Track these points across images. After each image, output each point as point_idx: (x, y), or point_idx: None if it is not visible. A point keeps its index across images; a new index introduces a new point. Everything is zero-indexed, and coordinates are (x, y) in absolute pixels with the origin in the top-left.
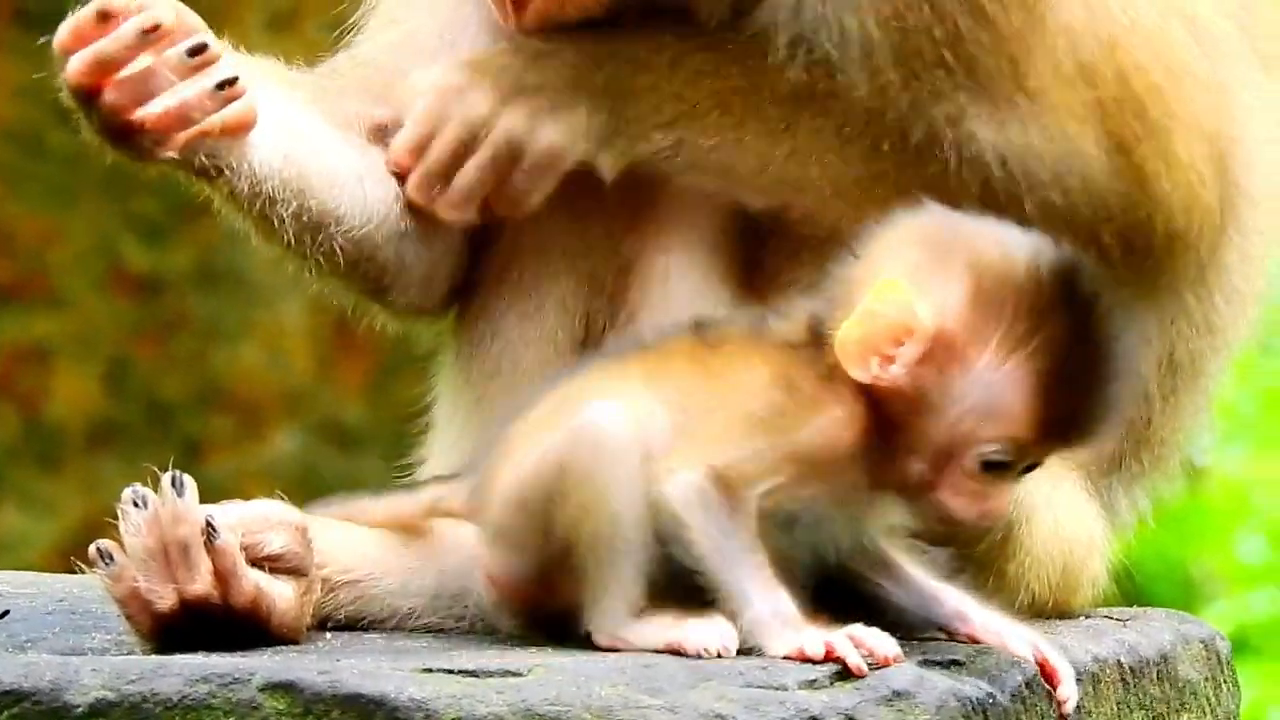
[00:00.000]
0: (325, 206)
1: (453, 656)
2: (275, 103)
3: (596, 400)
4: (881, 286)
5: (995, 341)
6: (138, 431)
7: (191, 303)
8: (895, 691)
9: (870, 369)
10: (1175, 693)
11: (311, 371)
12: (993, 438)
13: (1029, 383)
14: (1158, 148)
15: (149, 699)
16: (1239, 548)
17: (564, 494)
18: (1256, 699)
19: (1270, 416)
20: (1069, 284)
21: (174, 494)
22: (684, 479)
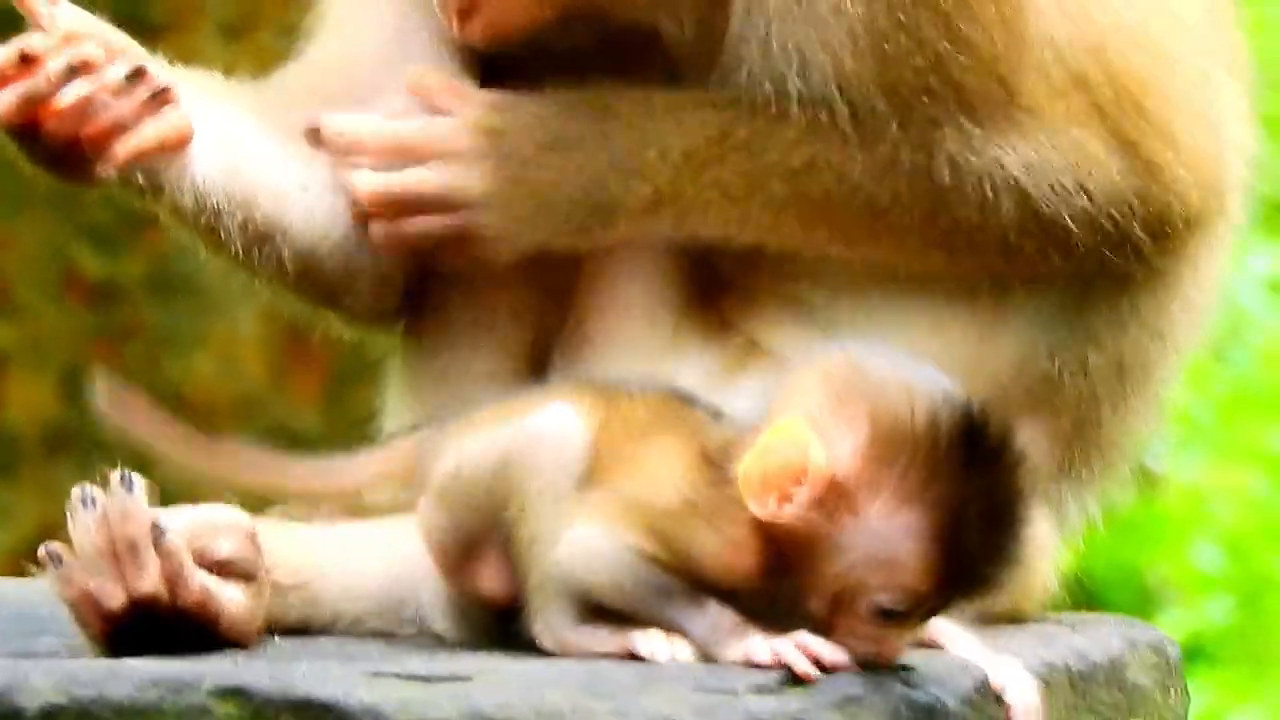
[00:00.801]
0: (271, 217)
1: (402, 661)
2: (215, 116)
3: (552, 404)
4: (782, 426)
5: (889, 492)
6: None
7: (145, 311)
8: (845, 697)
9: (768, 506)
10: (1125, 698)
11: (264, 379)
12: (884, 587)
13: (921, 535)
14: (1162, 138)
15: (99, 703)
16: (1195, 555)
17: (508, 489)
18: (1212, 706)
19: (1226, 425)
20: (969, 438)
21: (123, 492)
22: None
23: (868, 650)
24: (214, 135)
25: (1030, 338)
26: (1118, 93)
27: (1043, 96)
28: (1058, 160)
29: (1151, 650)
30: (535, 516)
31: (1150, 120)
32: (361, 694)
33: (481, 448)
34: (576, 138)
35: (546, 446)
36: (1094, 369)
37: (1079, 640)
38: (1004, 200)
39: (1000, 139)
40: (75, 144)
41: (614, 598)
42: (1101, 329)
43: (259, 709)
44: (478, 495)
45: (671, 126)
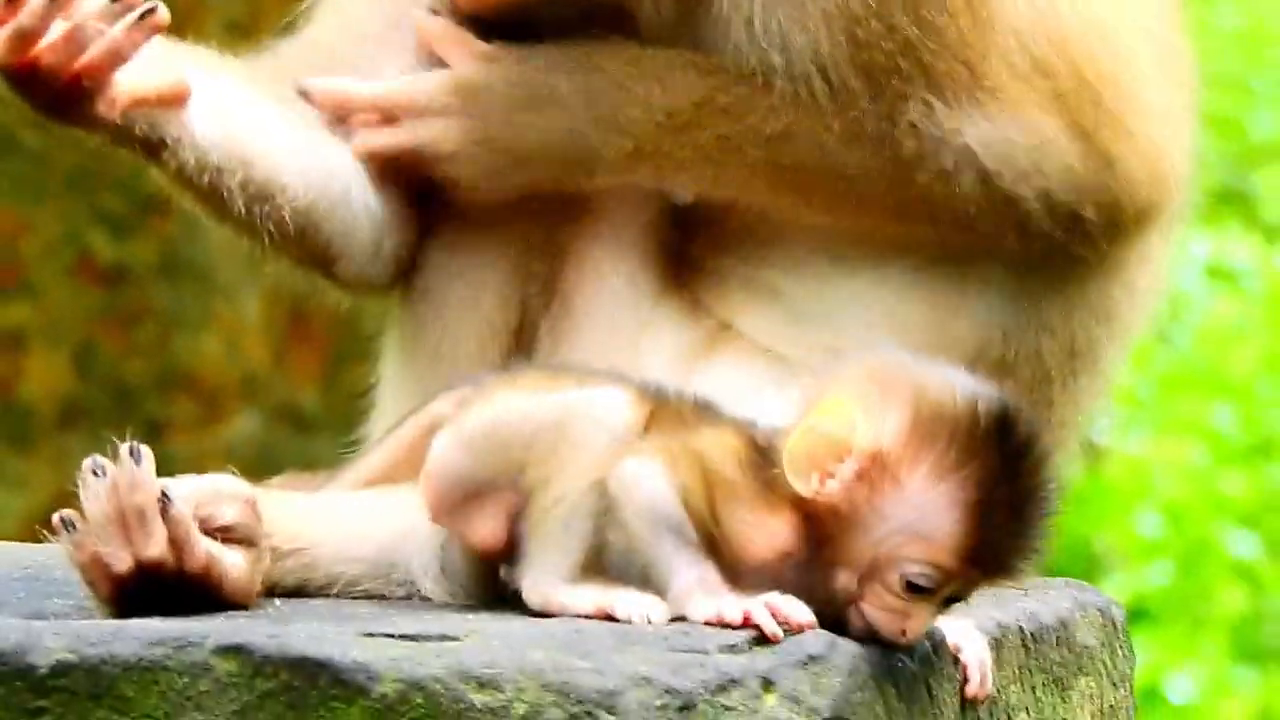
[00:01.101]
0: (269, 176)
1: (394, 622)
2: (212, 82)
3: (613, 387)
4: (826, 404)
5: (928, 468)
6: (104, 413)
7: (155, 293)
8: (809, 656)
9: (812, 483)
10: (1074, 657)
11: (268, 359)
12: (917, 559)
13: (956, 511)
14: (1117, 130)
15: (107, 661)
16: (1138, 523)
17: (553, 451)
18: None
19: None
20: (1004, 425)
21: (132, 463)
22: (633, 463)
23: (894, 626)
24: (211, 98)
25: (986, 323)
26: (1078, 83)
27: (1006, 80)
28: (1018, 140)
29: (1098, 612)
30: (574, 479)
31: (1107, 111)
32: (355, 653)
33: (534, 406)
34: (560, 93)
35: (601, 418)
36: (1047, 353)
37: (1030, 603)
38: (964, 172)
39: (963, 115)
40: (75, 83)
41: (637, 523)
42: (1054, 315)
43: (258, 666)
44: (510, 447)
45: (656, 86)
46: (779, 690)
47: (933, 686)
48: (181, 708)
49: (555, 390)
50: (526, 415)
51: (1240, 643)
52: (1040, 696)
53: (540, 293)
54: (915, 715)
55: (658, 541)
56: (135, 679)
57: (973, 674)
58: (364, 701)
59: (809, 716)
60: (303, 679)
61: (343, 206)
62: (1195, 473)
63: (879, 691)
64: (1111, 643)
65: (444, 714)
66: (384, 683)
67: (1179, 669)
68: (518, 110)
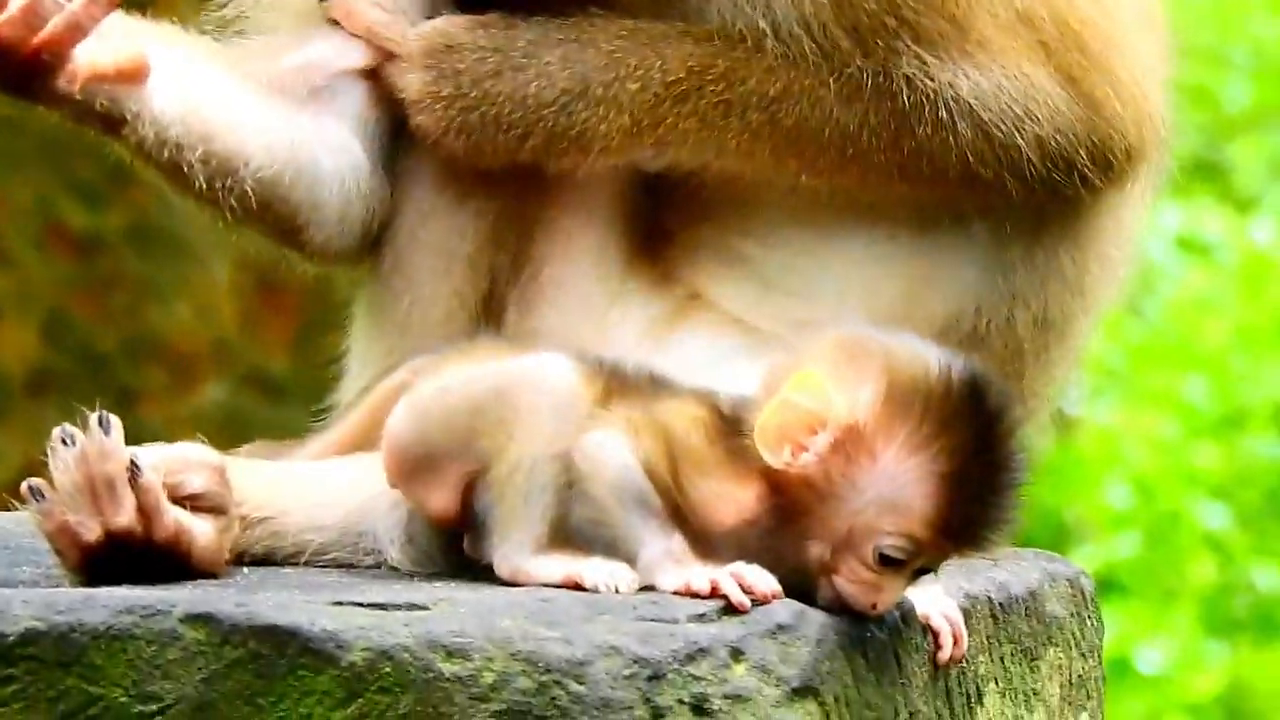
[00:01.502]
0: (231, 149)
1: (363, 590)
2: (174, 55)
3: (555, 353)
4: (800, 377)
5: (903, 440)
6: (75, 381)
7: (126, 261)
8: (778, 625)
9: (784, 456)
10: (1042, 627)
11: (238, 326)
12: (891, 531)
13: (931, 483)
14: (1103, 74)
15: (76, 629)
16: (1108, 494)
17: (499, 419)
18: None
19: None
20: (976, 397)
21: (101, 432)
22: (597, 434)
23: (866, 598)
24: (172, 73)
25: (959, 296)
26: (1062, 31)
27: (992, 32)
28: (1009, 89)
29: (1067, 583)
30: (525, 445)
31: (1091, 58)
32: (324, 621)
33: (478, 374)
34: (543, 65)
35: (548, 384)
36: (1019, 324)
37: (999, 573)
38: (960, 123)
39: (954, 68)
40: (34, 58)
41: (603, 495)
42: (1027, 287)
43: (226, 635)
44: (460, 417)
45: (653, 57)
46: (748, 660)
47: (901, 656)
48: (150, 676)
49: (501, 358)
50: (470, 383)
51: (1210, 615)
52: (1009, 667)
53: (510, 263)
54: (884, 684)
55: (624, 513)
56: (104, 647)
57: (945, 639)
58: (332, 670)
59: (778, 686)
60: (271, 648)
61: (310, 177)
62: (1166, 444)
63: (847, 661)
64: (1080, 613)
65: (413, 683)
66: (353, 651)
67: (1149, 641)
68: (488, 77)
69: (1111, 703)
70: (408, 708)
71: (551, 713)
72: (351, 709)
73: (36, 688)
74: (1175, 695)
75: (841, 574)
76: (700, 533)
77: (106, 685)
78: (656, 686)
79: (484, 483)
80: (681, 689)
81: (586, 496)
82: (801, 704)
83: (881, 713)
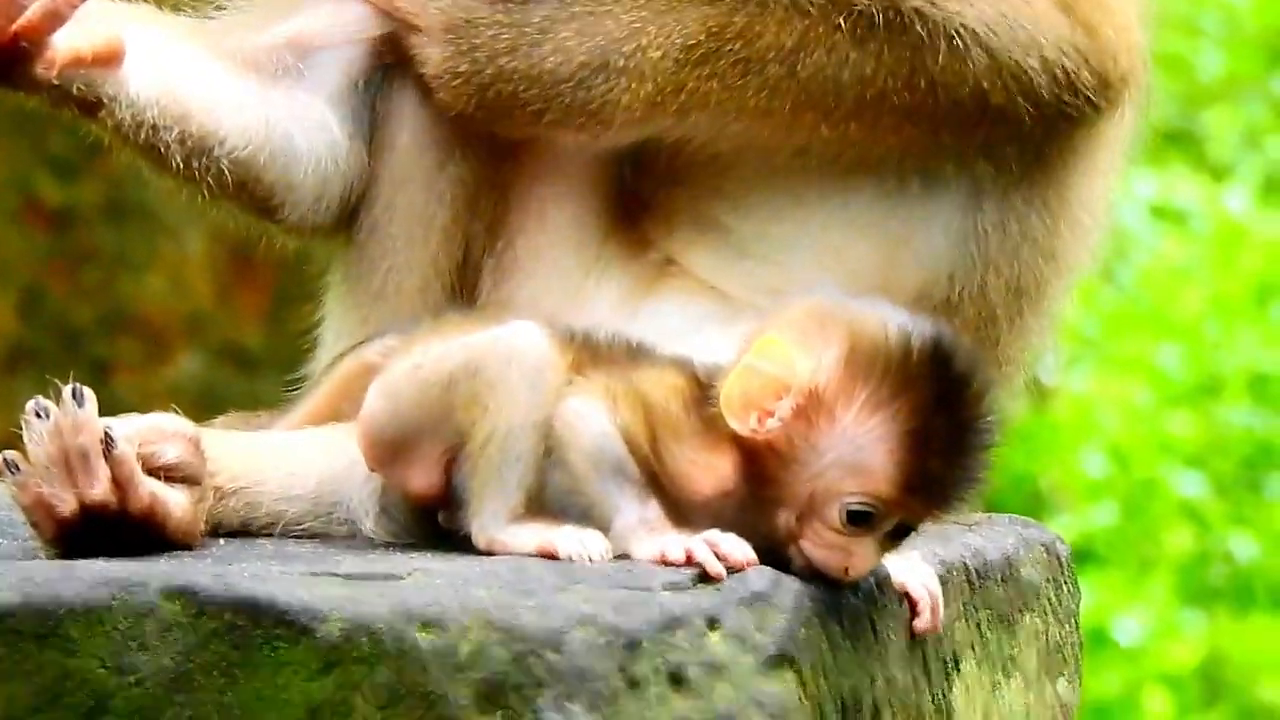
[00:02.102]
0: (207, 129)
1: (338, 561)
2: (150, 37)
3: (522, 321)
4: (762, 343)
5: (862, 402)
6: (50, 355)
7: (100, 234)
8: (754, 593)
9: (750, 422)
10: (1018, 594)
11: (212, 298)
12: (854, 491)
13: (890, 442)
14: (1097, 4)
15: (53, 602)
16: (1083, 463)
17: (472, 392)
18: (1100, 603)
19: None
20: (939, 357)
21: (74, 405)
22: (575, 401)
23: (837, 563)
24: (148, 54)
25: (933, 263)
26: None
27: None
28: (1011, 16)
29: (1043, 549)
30: (498, 416)
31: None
32: (300, 593)
33: (445, 350)
34: (559, 41)
35: (516, 353)
36: (992, 291)
37: (975, 539)
38: (973, 50)
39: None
40: (12, 45)
41: (579, 462)
42: (1000, 254)
43: (203, 606)
44: (433, 394)
45: (672, 22)
46: (724, 628)
47: (878, 623)
48: (127, 648)
49: (469, 332)
50: (441, 360)
51: (1187, 584)
52: (986, 633)
53: (486, 231)
54: (860, 652)
55: (600, 480)
56: (81, 620)
57: (922, 608)
58: (308, 642)
59: (754, 654)
60: (247, 619)
61: (285, 156)
62: (1141, 413)
63: (824, 629)
64: (1056, 579)
65: (388, 654)
66: (329, 623)
67: (1126, 611)
68: (504, 54)
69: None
70: (384, 679)
71: (528, 683)
72: (328, 680)
73: (13, 661)
74: (1152, 666)
75: (808, 539)
76: (678, 502)
77: (84, 658)
78: (633, 656)
79: (461, 457)
80: (657, 658)
81: (563, 463)
82: (778, 673)
83: (858, 681)
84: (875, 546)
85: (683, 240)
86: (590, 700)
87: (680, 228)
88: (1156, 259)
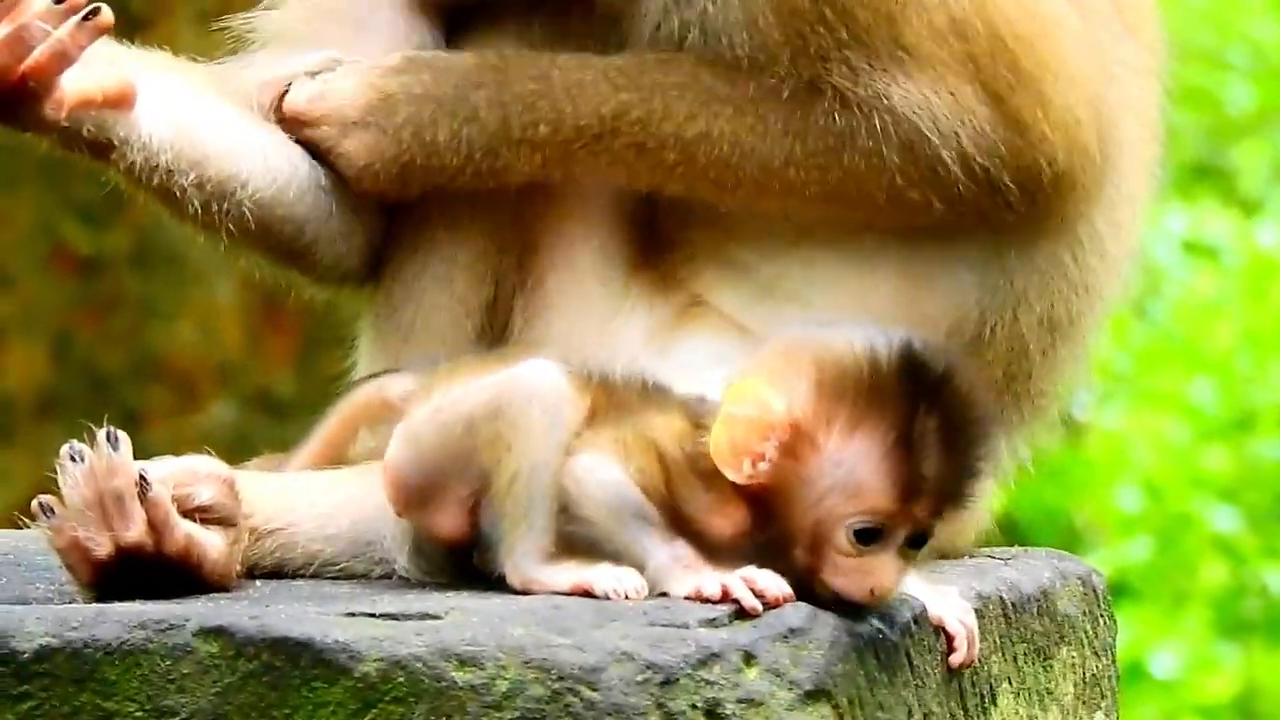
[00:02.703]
0: (227, 173)
1: (375, 601)
2: (162, 81)
3: (539, 359)
4: (736, 389)
5: (841, 424)
6: (81, 403)
7: (129, 282)
8: (791, 629)
9: (744, 469)
10: (1055, 626)
11: (243, 345)
12: (855, 512)
13: (875, 456)
14: (1032, 95)
15: (90, 644)
16: (1117, 498)
17: (494, 433)
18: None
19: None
20: (910, 363)
21: (109, 448)
22: (585, 457)
23: (858, 586)
24: (162, 98)
25: (960, 299)
26: (994, 47)
27: (925, 38)
28: (936, 103)
29: (1079, 581)
30: (521, 455)
31: (1022, 78)
32: (337, 633)
33: (465, 393)
34: (472, 108)
35: (536, 392)
36: (1024, 326)
37: (1010, 573)
38: (890, 140)
39: (884, 76)
40: (20, 85)
41: (599, 516)
42: (1028, 288)
43: (240, 647)
44: (453, 437)
45: (565, 102)
46: (760, 663)
47: (914, 657)
48: (164, 690)
49: (486, 372)
50: (460, 403)
51: (1222, 617)
52: (1022, 666)
53: (513, 269)
54: (897, 686)
55: (623, 530)
56: (118, 662)
57: (959, 642)
58: (346, 681)
59: (790, 689)
60: (284, 660)
61: (311, 195)
62: (1175, 448)
63: (860, 663)
64: (1093, 611)
65: (426, 692)
66: (366, 662)
67: (1162, 644)
68: (427, 126)
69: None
70: (421, 717)
71: (565, 719)
72: (366, 719)
73: (51, 704)
74: (1189, 698)
75: (826, 570)
76: (701, 543)
77: (121, 701)
78: (669, 692)
79: (488, 499)
80: (694, 694)
81: (582, 520)
82: (815, 707)
83: (895, 714)
84: (895, 562)
85: (708, 279)
86: None
87: (705, 267)
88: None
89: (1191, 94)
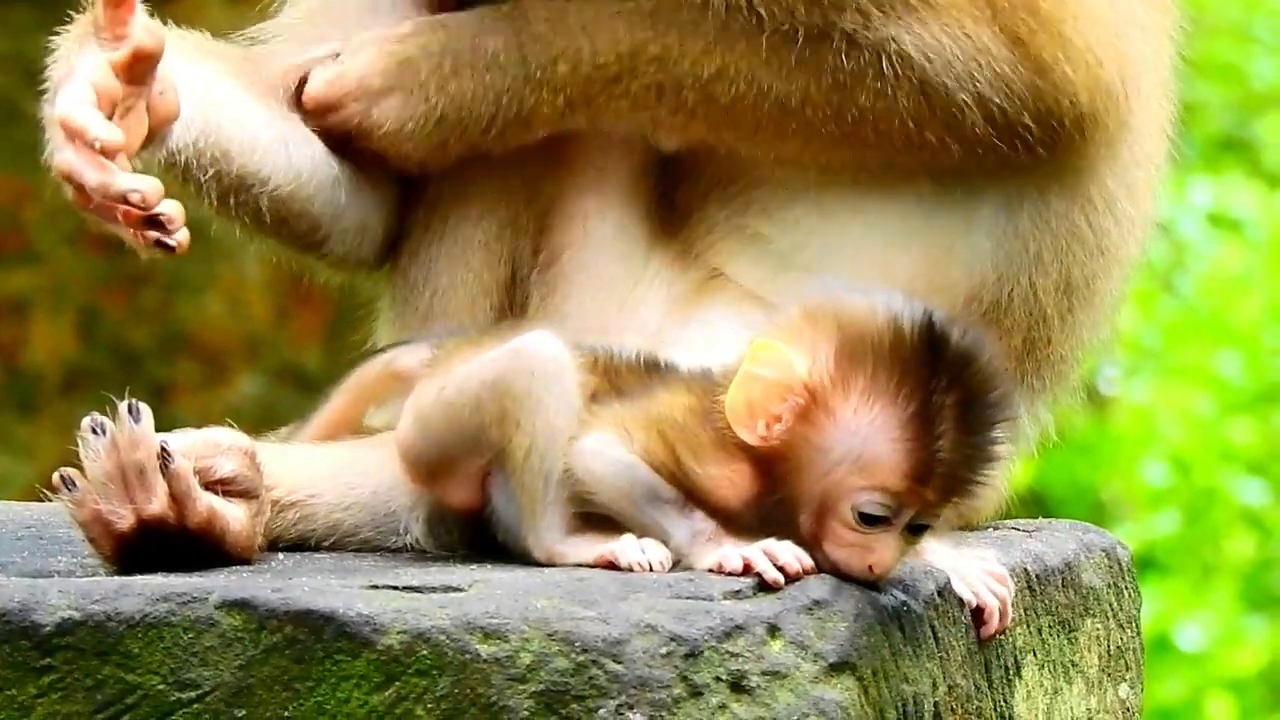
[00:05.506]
0: (247, 169)
1: (398, 574)
2: (193, 79)
3: (538, 331)
4: (757, 348)
5: (859, 394)
6: (108, 377)
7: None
8: (814, 600)
9: (759, 430)
10: (1079, 598)
11: (270, 320)
12: (863, 487)
13: (892, 432)
14: (1053, 37)
15: (112, 618)
16: (1144, 472)
17: (501, 410)
18: (1162, 612)
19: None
20: (934, 337)
21: (130, 420)
22: (589, 440)
23: (858, 562)
24: (190, 99)
25: (978, 267)
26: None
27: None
28: (951, 46)
29: (1104, 553)
30: (532, 431)
31: (1041, 20)
32: (360, 605)
33: (470, 369)
34: (491, 55)
35: (537, 364)
36: (1041, 291)
37: (1035, 545)
38: (902, 83)
39: (897, 22)
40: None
41: (613, 499)
42: (1044, 252)
43: (263, 620)
44: (462, 414)
45: (584, 40)
46: (784, 636)
47: (938, 629)
48: (187, 663)
49: (489, 348)
50: (465, 380)
51: (1250, 590)
52: (1047, 639)
53: (530, 246)
54: (922, 658)
55: (638, 509)
56: (140, 635)
57: (990, 612)
58: (369, 654)
59: (815, 661)
60: (308, 632)
61: (329, 188)
62: (1202, 421)
63: (884, 635)
64: (1117, 583)
65: (449, 665)
66: (389, 635)
67: (1189, 618)
68: (450, 78)
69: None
70: (445, 690)
71: (589, 692)
72: (389, 692)
73: (74, 677)
74: (1216, 672)
75: (829, 541)
76: (717, 514)
77: (143, 673)
78: (694, 664)
79: (500, 472)
80: (719, 666)
81: (598, 504)
82: (839, 679)
83: (919, 686)
84: (896, 542)
85: (726, 252)
86: (652, 708)
87: (722, 239)
88: (1214, 267)
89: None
